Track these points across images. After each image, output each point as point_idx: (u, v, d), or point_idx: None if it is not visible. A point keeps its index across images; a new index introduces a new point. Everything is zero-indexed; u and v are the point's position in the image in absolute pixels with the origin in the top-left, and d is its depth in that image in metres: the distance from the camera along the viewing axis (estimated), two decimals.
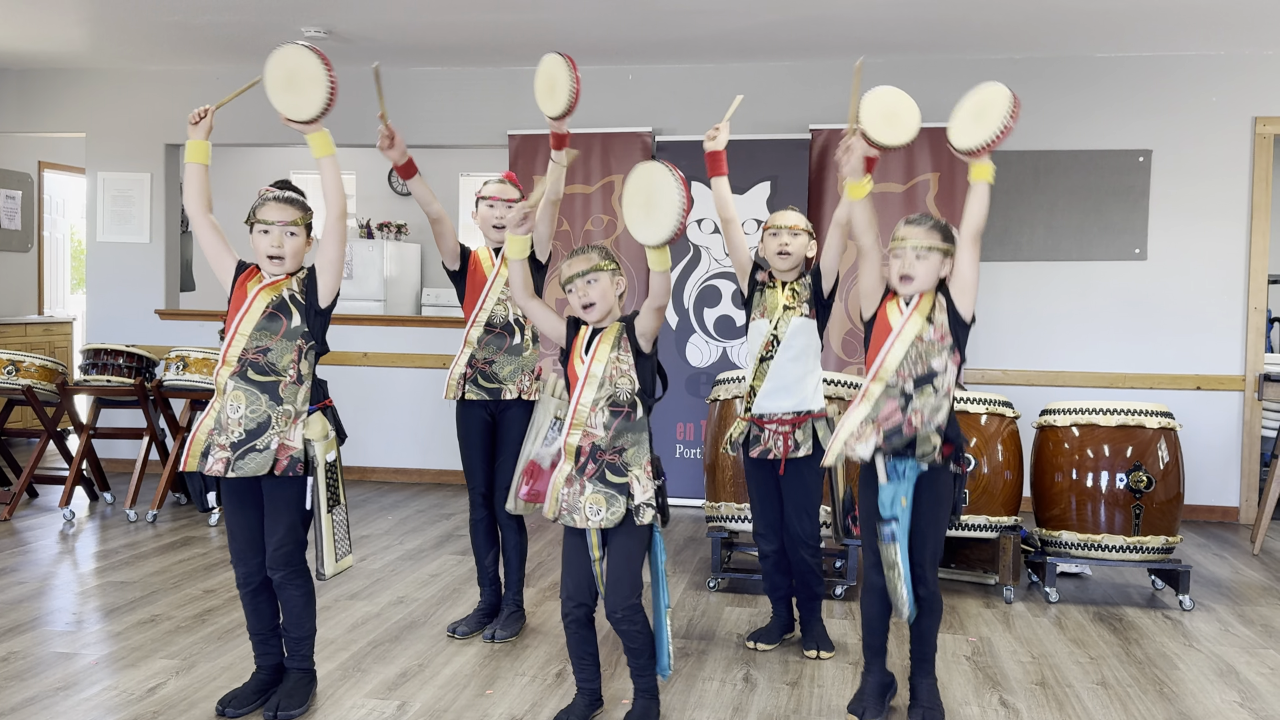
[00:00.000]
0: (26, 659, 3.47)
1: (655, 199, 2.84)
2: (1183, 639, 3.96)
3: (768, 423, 3.54)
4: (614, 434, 2.88)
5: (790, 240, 3.62)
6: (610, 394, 2.90)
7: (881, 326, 3.02)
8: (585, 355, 2.96)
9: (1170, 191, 6.24)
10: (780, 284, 3.62)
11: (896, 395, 2.92)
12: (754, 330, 3.61)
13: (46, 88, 7.30)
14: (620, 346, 2.94)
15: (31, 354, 5.75)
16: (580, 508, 2.87)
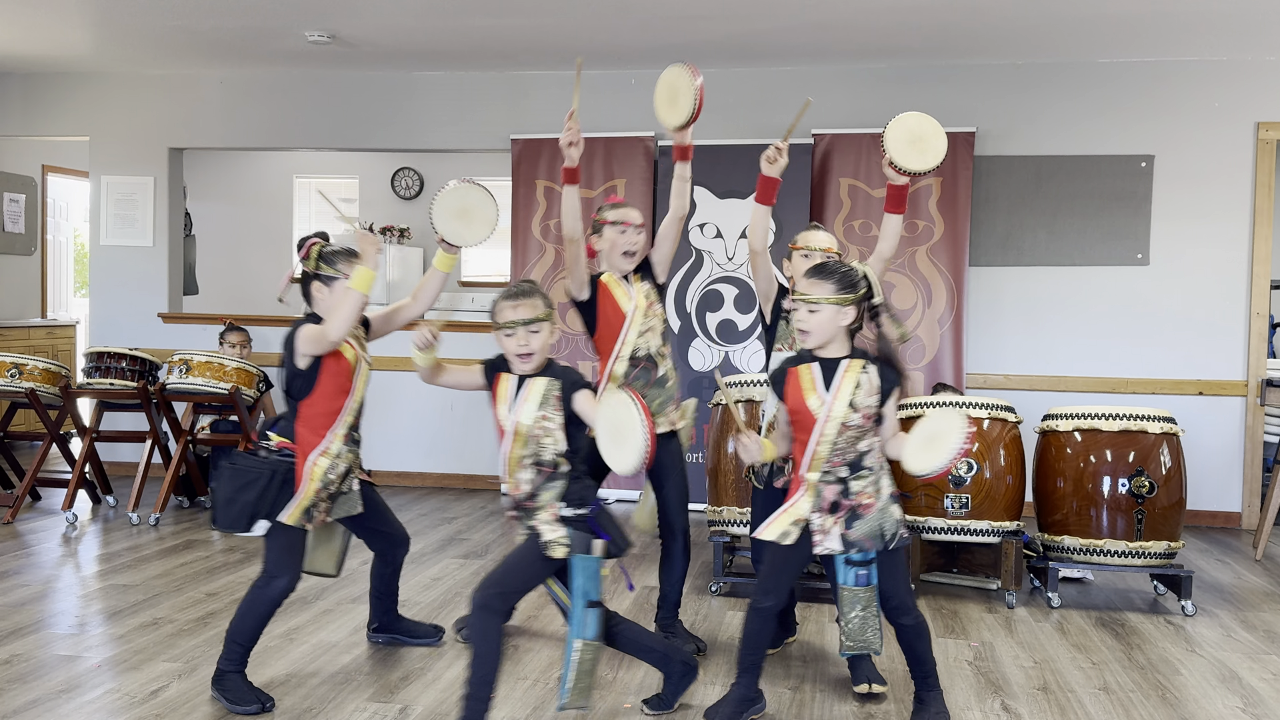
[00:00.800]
0: (29, 661, 3.48)
1: (621, 429, 2.76)
2: (1185, 644, 3.96)
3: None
4: (534, 489, 2.91)
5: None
6: (535, 452, 2.89)
7: (804, 411, 2.94)
8: (512, 406, 2.92)
9: (1172, 197, 6.24)
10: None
11: (833, 481, 2.94)
12: (779, 360, 3.37)
13: (50, 91, 7.32)
14: (549, 404, 2.90)
15: (35, 357, 5.76)
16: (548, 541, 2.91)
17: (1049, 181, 6.33)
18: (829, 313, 2.91)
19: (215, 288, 9.83)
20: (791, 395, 2.97)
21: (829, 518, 2.93)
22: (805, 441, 2.94)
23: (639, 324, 3.61)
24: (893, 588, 2.98)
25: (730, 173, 6.43)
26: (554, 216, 6.71)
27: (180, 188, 7.44)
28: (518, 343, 2.90)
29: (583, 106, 6.80)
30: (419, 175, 10.20)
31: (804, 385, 2.96)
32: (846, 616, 3.01)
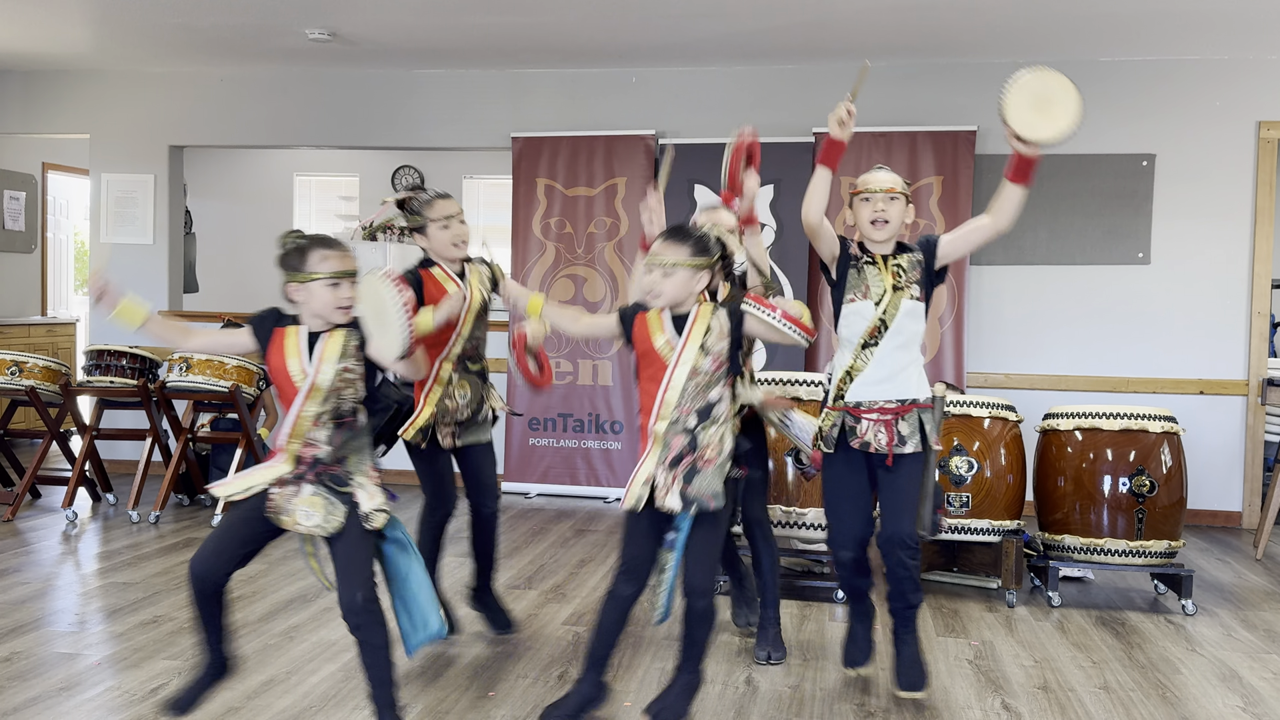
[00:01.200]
0: (29, 659, 3.47)
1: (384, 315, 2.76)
2: (1185, 643, 3.95)
3: (866, 412, 3.10)
4: (337, 447, 2.75)
5: (886, 206, 3.15)
6: (335, 406, 2.73)
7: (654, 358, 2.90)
8: (309, 361, 2.73)
9: (1174, 196, 6.24)
10: (881, 259, 3.18)
11: (680, 432, 2.87)
12: (851, 313, 3.15)
13: (51, 89, 7.32)
14: (349, 354, 2.75)
15: (35, 355, 5.76)
16: (291, 510, 2.71)
17: (1050, 180, 6.32)
18: (683, 275, 2.88)
19: (216, 286, 9.82)
20: (639, 338, 2.92)
21: (670, 472, 2.84)
22: (654, 391, 2.88)
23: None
24: (697, 563, 2.87)
25: None
26: (554, 215, 6.70)
27: (180, 185, 7.43)
28: (341, 294, 2.73)
29: (582, 104, 6.80)
30: (419, 173, 10.19)
31: (651, 326, 2.91)
32: (657, 579, 2.91)
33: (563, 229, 6.69)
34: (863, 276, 3.16)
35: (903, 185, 3.20)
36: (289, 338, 2.76)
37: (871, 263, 3.16)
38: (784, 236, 6.37)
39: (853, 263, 3.18)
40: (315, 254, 2.74)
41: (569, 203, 6.69)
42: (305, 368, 2.73)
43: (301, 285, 2.74)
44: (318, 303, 2.73)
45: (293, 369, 2.73)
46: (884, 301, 3.11)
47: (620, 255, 6.60)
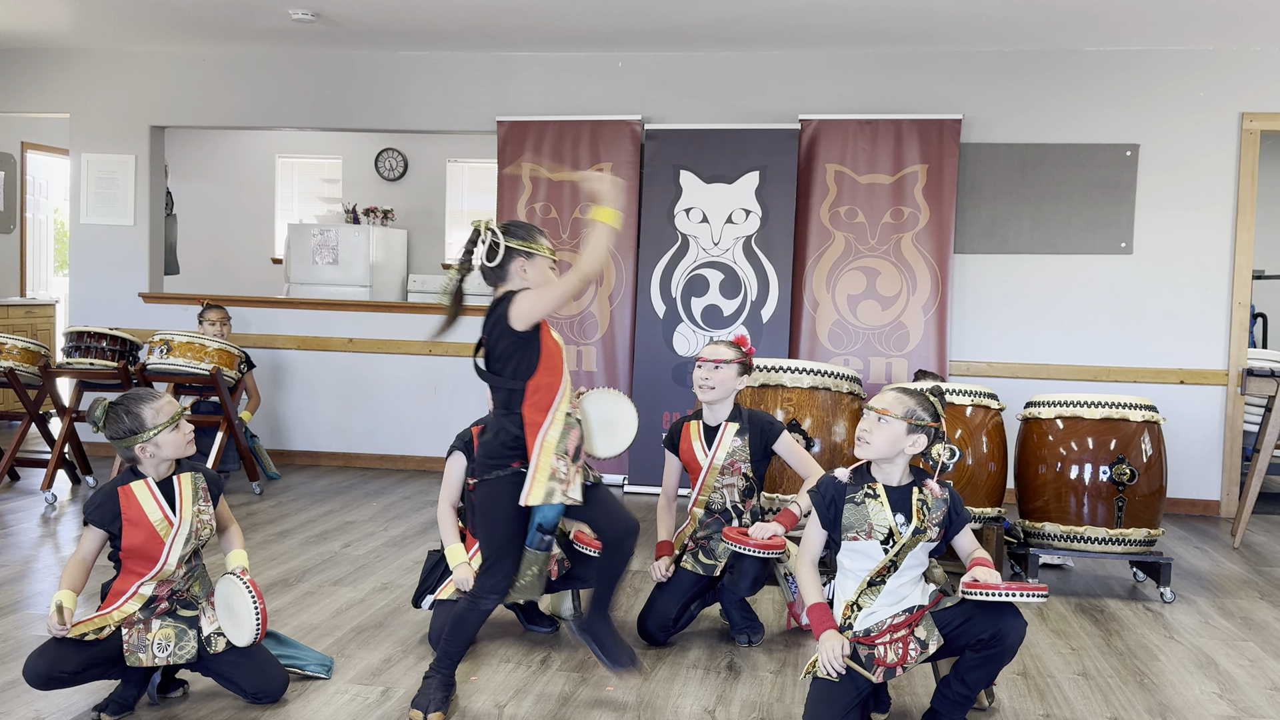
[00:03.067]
0: (8, 642, 3.45)
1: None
2: (1163, 631, 3.99)
3: (877, 637, 2.77)
4: (190, 577, 2.97)
5: (873, 427, 2.82)
6: (196, 545, 2.95)
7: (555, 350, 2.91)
8: (171, 509, 2.90)
9: (1157, 186, 6.27)
10: (885, 491, 2.81)
11: (574, 423, 2.91)
12: (851, 551, 2.80)
13: (30, 67, 7.23)
14: (201, 498, 2.97)
15: (14, 336, 5.71)
16: (146, 646, 2.85)
17: (1034, 170, 6.34)
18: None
19: (196, 267, 9.76)
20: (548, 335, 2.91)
21: (573, 464, 2.87)
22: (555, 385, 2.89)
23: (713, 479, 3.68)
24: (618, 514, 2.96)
25: (716, 158, 6.42)
26: (540, 200, 6.68)
27: (162, 166, 7.37)
28: (186, 430, 2.95)
29: (568, 88, 6.78)
30: (403, 156, 10.14)
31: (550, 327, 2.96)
32: (523, 574, 2.97)
33: (548, 214, 6.67)
34: (863, 513, 2.79)
35: (910, 411, 2.81)
36: (138, 494, 2.89)
37: (875, 497, 2.80)
38: (768, 223, 6.37)
39: (849, 498, 2.81)
40: (148, 410, 2.88)
41: (554, 188, 6.66)
42: (169, 515, 2.89)
43: (150, 442, 2.88)
44: (170, 449, 2.90)
45: (154, 519, 2.87)
46: (894, 542, 2.77)
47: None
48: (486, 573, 2.92)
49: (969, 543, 2.90)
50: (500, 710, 3.03)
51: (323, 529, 5.21)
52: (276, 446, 7.06)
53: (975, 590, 2.73)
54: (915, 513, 2.78)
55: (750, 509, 3.69)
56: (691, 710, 3.07)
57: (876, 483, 2.82)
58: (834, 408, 4.55)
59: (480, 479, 2.91)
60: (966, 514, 2.89)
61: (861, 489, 2.81)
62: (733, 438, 3.65)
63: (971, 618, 2.78)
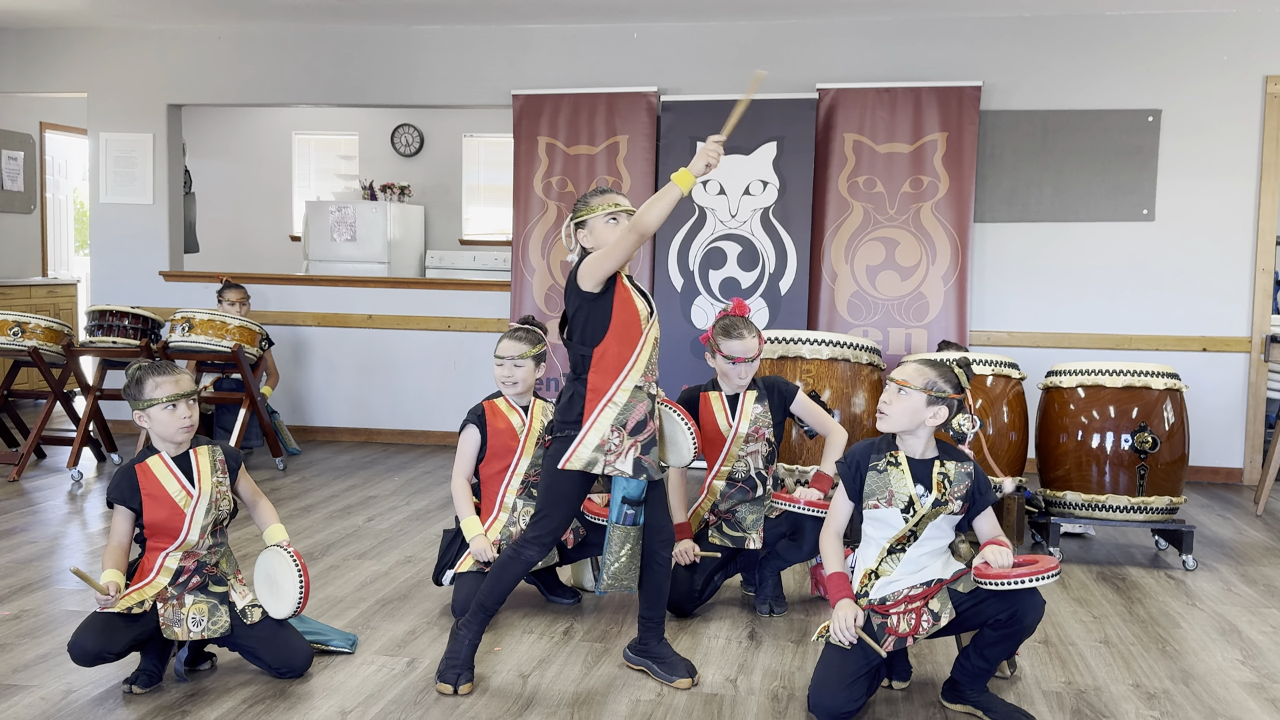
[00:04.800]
0: (39, 616, 3.50)
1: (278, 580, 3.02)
2: (1185, 598, 3.98)
3: (893, 606, 2.80)
4: (214, 551, 3.00)
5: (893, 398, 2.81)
6: (215, 518, 2.97)
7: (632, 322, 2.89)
8: (190, 482, 2.94)
9: (1179, 152, 6.20)
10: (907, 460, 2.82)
11: (644, 398, 2.90)
12: (873, 519, 2.84)
13: (47, 47, 7.25)
14: (219, 470, 2.99)
15: (37, 315, 5.76)
16: (182, 620, 2.90)
17: (1055, 136, 6.28)
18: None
19: (216, 246, 9.80)
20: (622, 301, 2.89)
21: (629, 439, 2.87)
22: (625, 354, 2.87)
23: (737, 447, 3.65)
24: (662, 519, 3.00)
25: (735, 128, 6.37)
26: (556, 174, 6.67)
27: (180, 145, 7.39)
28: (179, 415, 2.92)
29: (584, 60, 6.75)
30: (419, 132, 10.12)
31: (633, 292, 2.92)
32: (615, 554, 2.95)
33: (564, 188, 6.66)
34: (885, 480, 2.81)
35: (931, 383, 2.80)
36: (155, 470, 2.94)
37: (896, 465, 2.81)
38: (787, 194, 6.34)
39: (873, 465, 2.83)
40: (150, 382, 2.92)
41: (570, 161, 6.65)
42: (188, 488, 2.93)
43: (143, 412, 2.92)
44: (159, 426, 2.92)
45: (173, 491, 2.92)
46: (914, 513, 2.78)
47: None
48: (536, 523, 2.96)
49: (990, 527, 2.88)
50: (524, 680, 3.06)
51: (346, 503, 5.25)
52: (297, 423, 7.11)
53: (987, 580, 2.73)
54: (936, 485, 2.79)
55: (771, 474, 3.70)
56: (714, 679, 3.09)
57: (899, 451, 2.83)
58: (853, 379, 4.55)
59: (553, 436, 2.96)
60: (991, 496, 2.88)
61: (885, 457, 2.83)
62: (754, 405, 3.65)
63: (986, 599, 2.77)
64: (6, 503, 5.11)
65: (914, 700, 2.99)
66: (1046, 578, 2.70)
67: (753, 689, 3.03)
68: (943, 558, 2.85)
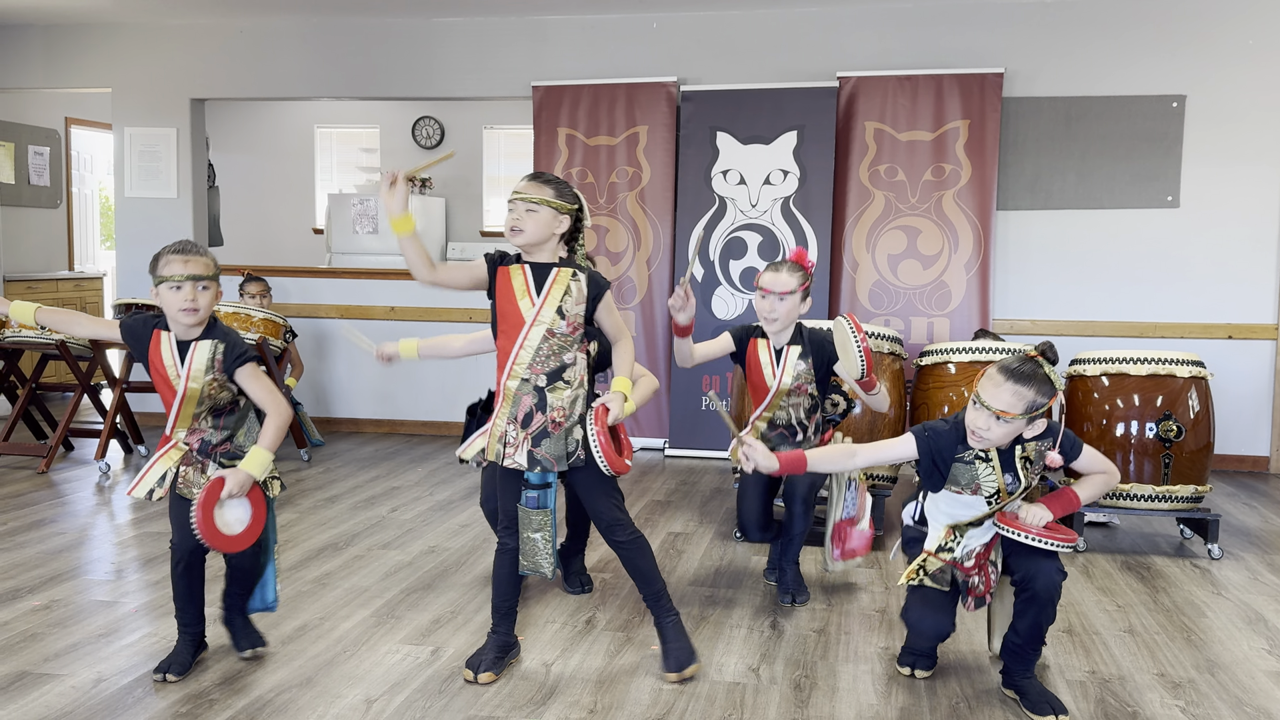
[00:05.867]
0: (69, 606, 3.55)
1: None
2: (1211, 587, 3.96)
3: (972, 569, 2.86)
4: (222, 429, 2.97)
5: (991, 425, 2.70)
6: (211, 405, 2.93)
7: (513, 314, 2.89)
8: (180, 365, 2.87)
9: (1204, 138, 6.14)
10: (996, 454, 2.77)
11: (529, 391, 2.90)
12: (951, 500, 2.84)
13: (72, 44, 7.31)
14: (214, 369, 2.89)
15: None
16: (200, 483, 2.91)
17: (1078, 123, 6.23)
18: (546, 214, 2.88)
19: (239, 238, 9.87)
20: (502, 296, 2.91)
21: (521, 431, 2.89)
22: (509, 348, 2.90)
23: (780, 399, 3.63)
24: (599, 505, 2.97)
25: (753, 118, 6.37)
26: (576, 165, 6.67)
27: (203, 139, 7.44)
28: (183, 297, 2.82)
29: (603, 51, 6.74)
30: (439, 124, 10.15)
31: (515, 287, 2.91)
32: (522, 535, 2.97)
33: (584, 179, 6.66)
34: (973, 472, 2.78)
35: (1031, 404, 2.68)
36: (162, 342, 2.91)
37: (985, 459, 2.77)
38: (807, 184, 6.32)
39: (959, 456, 2.78)
40: (164, 259, 2.86)
41: (590, 152, 6.65)
42: (178, 370, 2.89)
43: (155, 288, 2.88)
44: (165, 304, 2.86)
45: (168, 369, 2.90)
46: (1001, 499, 2.79)
47: (642, 204, 6.57)
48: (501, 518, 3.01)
49: (1089, 462, 2.85)
50: (548, 669, 3.08)
51: (370, 494, 5.29)
52: (320, 414, 7.16)
53: (1006, 526, 2.76)
54: (1022, 473, 2.78)
55: (814, 423, 3.68)
56: (735, 668, 3.10)
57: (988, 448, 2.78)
58: (875, 369, 4.53)
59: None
60: (1079, 445, 2.83)
61: (973, 451, 2.78)
62: (796, 361, 3.63)
63: (1014, 551, 2.82)
64: (35, 494, 5.18)
65: (937, 693, 2.99)
66: (1055, 544, 2.71)
67: (775, 678, 3.04)
68: None
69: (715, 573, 4.03)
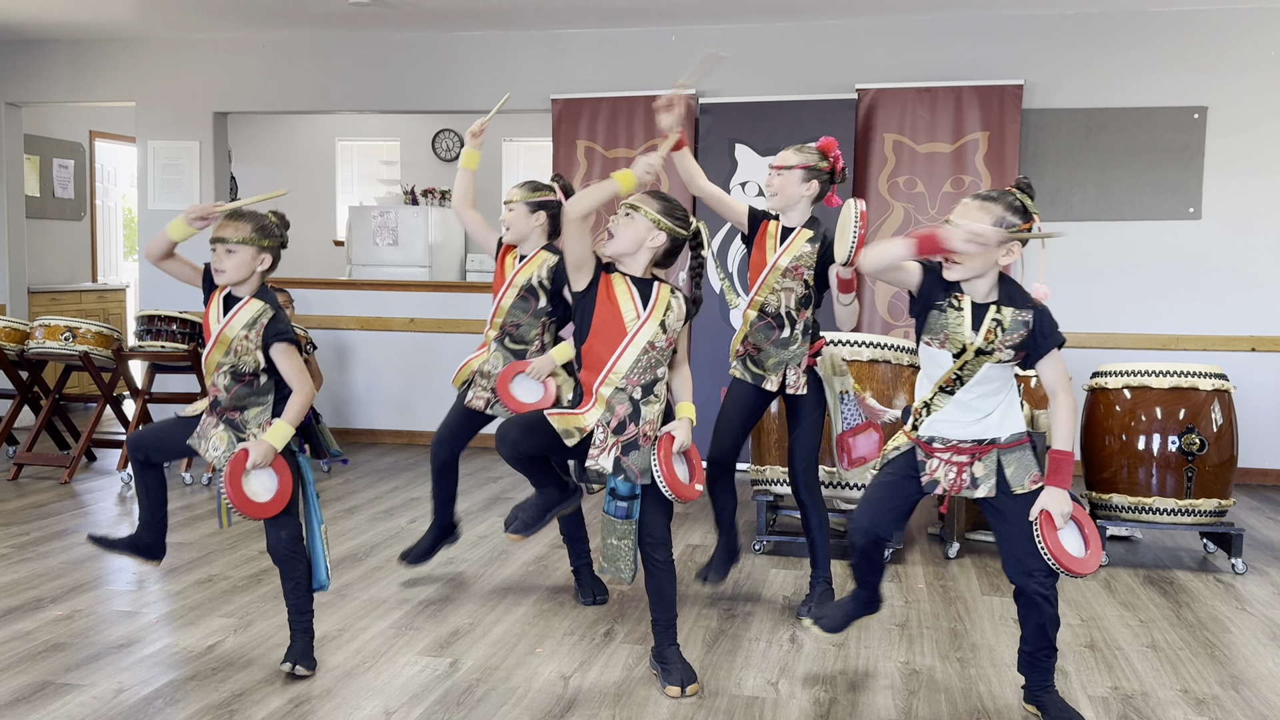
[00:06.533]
0: (90, 617, 3.57)
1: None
2: (1235, 602, 3.92)
3: (940, 450, 2.78)
4: (234, 396, 3.06)
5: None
6: (233, 364, 3.04)
7: (614, 322, 2.92)
8: (221, 316, 3.08)
9: (1226, 149, 6.10)
10: (970, 305, 2.72)
11: (624, 400, 2.92)
12: (926, 353, 2.79)
13: (97, 58, 7.39)
14: (254, 328, 3.04)
15: (87, 320, 5.87)
16: (210, 436, 3.08)
17: (1099, 135, 6.21)
18: (643, 224, 2.94)
19: None
20: (605, 300, 2.92)
21: (612, 436, 2.92)
22: (606, 355, 2.93)
23: (774, 279, 3.57)
24: (653, 523, 2.98)
25: (771, 130, 6.37)
26: (594, 177, 6.69)
27: (225, 152, 7.50)
28: (217, 257, 3.06)
29: (622, 64, 6.76)
30: (459, 137, 10.20)
31: (618, 294, 2.93)
32: (604, 540, 3.01)
33: None
34: (943, 321, 2.72)
35: (1000, 219, 2.65)
36: (215, 296, 3.15)
37: (958, 309, 2.71)
38: None
39: (938, 303, 2.73)
40: (218, 223, 3.11)
41: (609, 164, 6.67)
42: (219, 318, 3.09)
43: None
44: (212, 259, 3.10)
45: (211, 318, 3.12)
46: (961, 357, 2.71)
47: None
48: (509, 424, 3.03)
49: (1051, 375, 2.77)
50: (565, 681, 3.07)
51: (389, 505, 5.31)
52: (339, 425, 7.19)
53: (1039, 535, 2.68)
54: (985, 332, 2.69)
55: (804, 319, 3.60)
56: (754, 682, 3.09)
57: (963, 295, 2.72)
58: (894, 380, 4.52)
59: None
60: (1056, 338, 2.75)
61: (949, 297, 2.73)
62: (804, 243, 3.58)
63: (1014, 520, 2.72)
64: (58, 504, 5.22)
65: (958, 707, 2.97)
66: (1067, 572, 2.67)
67: (794, 693, 3.03)
68: (1000, 409, 2.76)
69: (733, 585, 4.02)
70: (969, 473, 2.75)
